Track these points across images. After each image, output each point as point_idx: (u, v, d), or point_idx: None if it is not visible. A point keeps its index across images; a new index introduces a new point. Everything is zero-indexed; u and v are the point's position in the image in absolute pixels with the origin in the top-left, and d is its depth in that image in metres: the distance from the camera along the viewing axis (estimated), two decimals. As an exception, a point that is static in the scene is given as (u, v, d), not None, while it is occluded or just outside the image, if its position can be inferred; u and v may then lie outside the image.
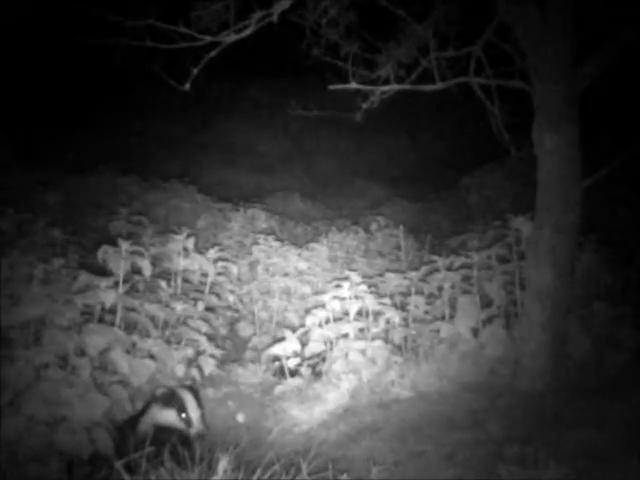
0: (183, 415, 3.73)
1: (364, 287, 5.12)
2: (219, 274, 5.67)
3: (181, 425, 3.74)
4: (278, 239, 7.26)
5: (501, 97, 5.42)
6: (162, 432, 3.67)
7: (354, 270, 5.58)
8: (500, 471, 3.34)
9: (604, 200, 7.80)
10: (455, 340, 5.10)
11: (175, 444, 3.42)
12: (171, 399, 3.78)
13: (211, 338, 4.97)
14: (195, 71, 4.65)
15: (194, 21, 4.64)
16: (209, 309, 5.27)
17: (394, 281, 5.77)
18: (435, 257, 5.53)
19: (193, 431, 3.73)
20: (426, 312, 5.50)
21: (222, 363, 5.02)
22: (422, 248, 7.63)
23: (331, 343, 4.98)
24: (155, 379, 4.26)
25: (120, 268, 4.43)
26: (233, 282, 6.21)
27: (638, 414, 3.90)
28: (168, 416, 3.74)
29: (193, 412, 3.76)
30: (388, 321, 5.20)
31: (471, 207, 9.91)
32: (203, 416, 3.80)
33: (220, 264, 5.68)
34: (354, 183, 11.85)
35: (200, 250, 5.66)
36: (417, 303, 5.47)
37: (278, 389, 4.81)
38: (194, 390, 4.01)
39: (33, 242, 6.06)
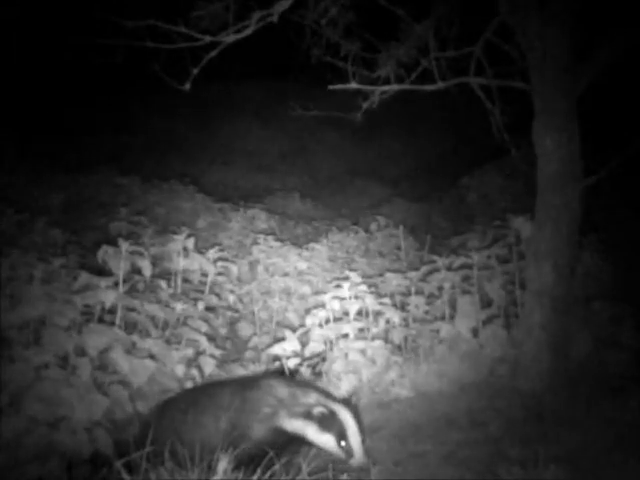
0: (343, 443, 3.24)
1: (364, 287, 5.12)
2: (219, 274, 5.67)
3: (340, 454, 3.28)
4: (278, 239, 7.25)
5: (501, 97, 5.42)
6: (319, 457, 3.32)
7: (354, 270, 5.58)
8: (500, 471, 3.35)
9: (604, 200, 7.80)
10: (455, 340, 5.10)
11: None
12: (330, 421, 3.28)
13: (211, 338, 4.97)
14: (195, 71, 4.65)
15: (194, 21, 4.64)
16: (209, 309, 5.26)
17: (394, 281, 5.77)
18: (435, 257, 5.53)
19: (354, 463, 3.25)
20: (426, 312, 5.50)
21: (222, 363, 5.02)
22: (422, 248, 7.61)
23: (331, 343, 4.98)
24: (155, 379, 4.26)
25: (120, 268, 4.43)
26: (233, 282, 6.20)
27: (638, 414, 3.90)
28: (327, 442, 3.29)
29: (354, 440, 3.24)
30: (388, 321, 5.20)
31: (471, 207, 9.90)
32: (364, 443, 3.30)
33: (220, 264, 5.67)
34: (354, 183, 11.84)
35: (200, 250, 5.65)
36: (417, 303, 5.47)
37: (278, 389, 4.81)
38: (355, 409, 3.48)
39: (33, 242, 6.06)
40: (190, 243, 5.39)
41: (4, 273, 4.43)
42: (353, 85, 5.13)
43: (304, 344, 4.92)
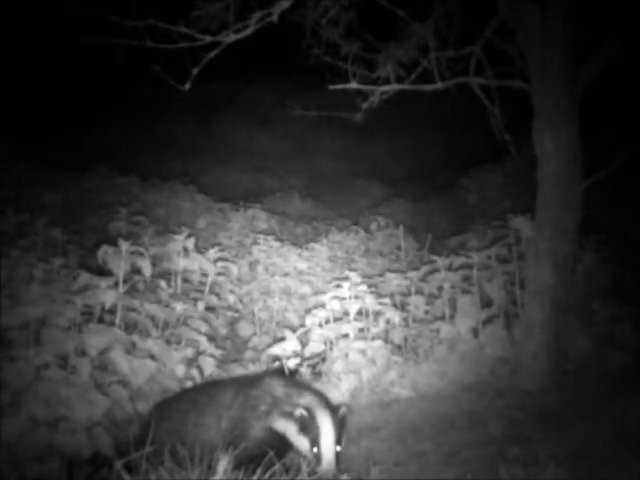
0: (315, 450, 3.24)
1: (364, 287, 5.12)
2: (219, 274, 5.67)
3: (311, 458, 3.27)
4: (278, 239, 7.25)
5: (501, 97, 5.42)
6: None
7: (354, 270, 5.58)
8: (500, 471, 3.35)
9: (604, 200, 7.79)
10: (455, 340, 5.10)
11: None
12: (309, 425, 3.26)
13: (211, 338, 4.97)
14: (195, 71, 4.65)
15: (194, 21, 4.64)
16: (209, 309, 5.27)
17: (394, 281, 5.77)
18: (435, 257, 5.54)
19: (320, 471, 3.22)
20: (426, 312, 5.51)
21: (222, 363, 5.01)
22: (422, 248, 7.62)
23: (331, 343, 4.98)
24: (155, 379, 4.26)
25: (120, 268, 4.43)
26: (233, 282, 6.21)
27: (638, 414, 3.90)
28: (302, 445, 3.30)
29: (327, 450, 3.23)
30: (388, 321, 5.20)
31: (471, 207, 9.90)
32: (338, 457, 3.25)
33: (220, 264, 5.67)
34: (354, 183, 11.85)
35: (200, 250, 5.65)
36: (417, 303, 5.48)
37: (278, 389, 4.80)
38: (340, 418, 3.37)
39: (33, 242, 6.05)
40: (190, 243, 5.38)
41: (4, 273, 4.43)
42: (353, 85, 5.13)
43: (304, 344, 4.92)
